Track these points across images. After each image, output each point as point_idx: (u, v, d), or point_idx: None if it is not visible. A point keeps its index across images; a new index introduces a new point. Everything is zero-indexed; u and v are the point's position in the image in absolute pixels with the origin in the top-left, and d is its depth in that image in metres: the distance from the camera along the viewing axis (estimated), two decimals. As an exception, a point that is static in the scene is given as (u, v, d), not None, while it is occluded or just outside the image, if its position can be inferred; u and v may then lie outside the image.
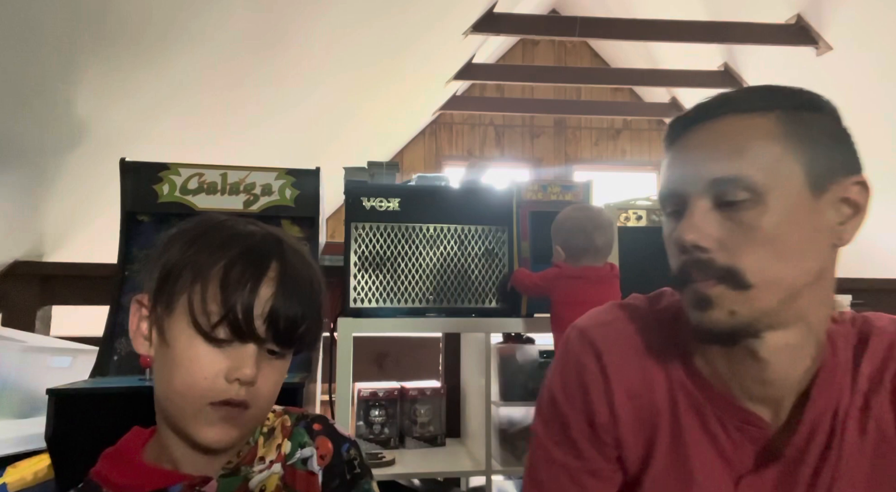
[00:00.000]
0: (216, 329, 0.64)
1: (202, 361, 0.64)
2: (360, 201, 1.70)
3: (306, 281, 0.70)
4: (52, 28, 1.41)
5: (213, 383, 0.64)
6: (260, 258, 0.67)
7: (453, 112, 5.46)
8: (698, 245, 0.61)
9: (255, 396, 0.66)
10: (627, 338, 0.72)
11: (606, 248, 1.58)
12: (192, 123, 2.37)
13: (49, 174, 1.84)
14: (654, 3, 4.08)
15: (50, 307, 2.01)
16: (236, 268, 0.65)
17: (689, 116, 0.66)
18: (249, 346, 0.66)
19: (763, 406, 0.67)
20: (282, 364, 0.70)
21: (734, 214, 0.61)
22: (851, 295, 1.97)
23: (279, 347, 0.68)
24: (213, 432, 0.65)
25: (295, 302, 0.67)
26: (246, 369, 0.64)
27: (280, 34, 2.35)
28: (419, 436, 1.88)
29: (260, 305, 0.65)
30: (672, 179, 0.66)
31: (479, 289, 1.73)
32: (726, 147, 0.62)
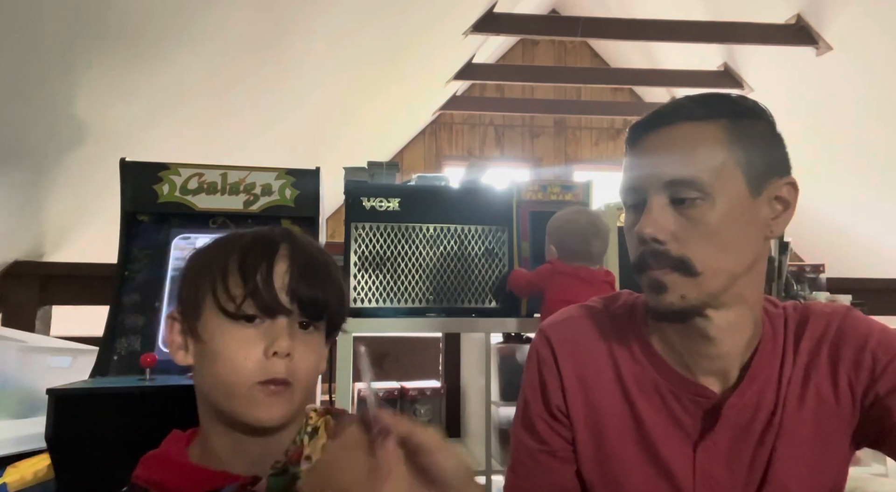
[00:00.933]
0: (243, 308, 0.68)
1: (239, 345, 0.67)
2: (360, 201, 1.70)
3: (319, 257, 0.74)
4: (52, 28, 1.41)
5: (254, 364, 0.67)
6: (270, 241, 0.72)
7: (453, 112, 5.46)
8: (656, 238, 0.71)
9: (295, 371, 0.68)
10: (580, 331, 0.83)
11: (601, 254, 1.60)
12: (192, 123, 2.37)
13: (49, 174, 1.84)
14: (654, 3, 4.08)
15: (50, 307, 2.01)
16: (250, 253, 0.70)
17: (648, 122, 0.76)
18: (280, 320, 0.68)
19: (712, 378, 0.76)
20: (315, 339, 0.73)
21: (686, 210, 0.71)
22: (851, 295, 1.97)
23: (307, 317, 0.71)
24: (266, 411, 0.67)
25: (312, 274, 0.71)
26: (281, 341, 0.67)
27: (280, 34, 2.35)
28: (419, 436, 1.88)
29: (279, 278, 0.69)
30: (633, 177, 0.75)
31: (479, 289, 1.73)
32: (680, 151, 0.71)
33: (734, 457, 0.74)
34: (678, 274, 0.71)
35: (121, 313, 1.56)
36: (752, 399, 0.74)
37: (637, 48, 4.93)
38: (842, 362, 0.74)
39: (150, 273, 1.63)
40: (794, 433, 0.73)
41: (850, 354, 0.74)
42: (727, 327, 0.74)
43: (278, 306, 0.68)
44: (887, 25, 3.11)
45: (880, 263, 4.07)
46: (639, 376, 0.78)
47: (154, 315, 1.57)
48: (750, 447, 0.74)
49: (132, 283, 1.61)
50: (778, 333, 0.77)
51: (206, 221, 1.72)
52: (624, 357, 0.80)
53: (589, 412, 0.79)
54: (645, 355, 0.79)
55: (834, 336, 0.75)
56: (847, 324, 0.76)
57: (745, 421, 0.74)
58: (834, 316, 0.77)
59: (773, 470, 0.73)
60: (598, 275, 1.57)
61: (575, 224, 1.58)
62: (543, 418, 0.81)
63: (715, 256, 0.70)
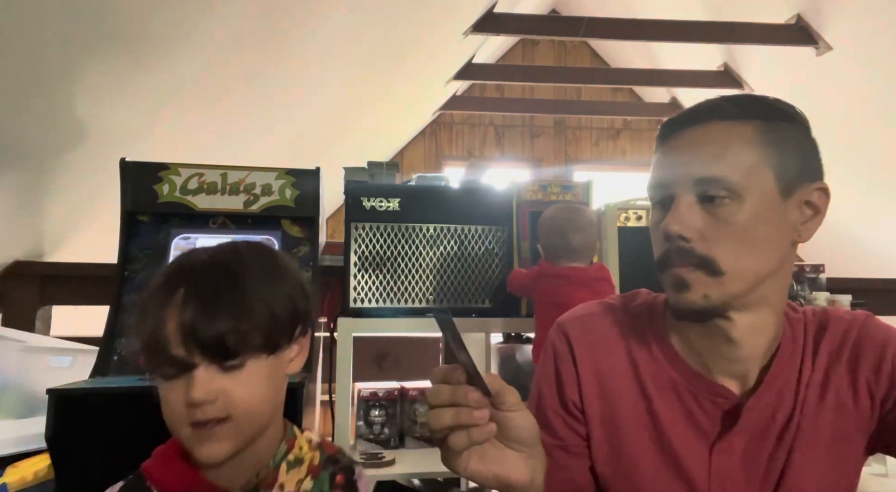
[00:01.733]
0: (155, 368, 0.68)
1: (167, 395, 0.68)
2: (360, 201, 1.70)
3: (225, 291, 0.69)
4: (52, 28, 1.41)
5: (180, 412, 0.67)
6: (167, 290, 0.69)
7: (453, 112, 5.46)
8: (682, 235, 0.70)
9: (230, 406, 0.67)
10: (598, 328, 0.82)
11: (585, 249, 1.54)
12: (192, 123, 2.37)
13: (49, 174, 1.84)
14: (654, 3, 4.08)
15: (50, 307, 2.01)
16: (146, 310, 0.69)
17: (680, 119, 0.75)
18: (194, 370, 0.67)
19: (732, 380, 0.76)
20: (247, 372, 0.69)
21: (714, 209, 0.70)
22: (851, 295, 1.97)
23: (220, 360, 0.67)
24: (207, 450, 0.68)
25: (210, 313, 0.67)
26: (192, 394, 0.66)
27: (280, 34, 2.35)
28: (419, 436, 1.88)
29: (173, 334, 0.66)
30: (661, 174, 0.74)
31: (479, 289, 1.73)
32: (711, 150, 0.71)
33: (751, 459, 0.74)
34: (702, 273, 0.70)
35: (121, 313, 1.56)
36: (770, 402, 0.74)
37: (637, 48, 4.93)
38: (861, 368, 0.74)
39: (150, 273, 1.63)
40: (811, 437, 0.73)
41: (869, 360, 0.74)
42: (749, 330, 0.73)
43: (176, 363, 0.66)
44: (887, 25, 3.11)
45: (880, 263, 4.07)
46: (656, 375, 0.78)
47: (154, 315, 1.57)
48: (767, 450, 0.74)
49: (132, 283, 1.61)
50: (798, 338, 0.77)
51: (206, 221, 1.72)
52: (642, 355, 0.79)
53: (605, 408, 0.79)
54: (663, 354, 0.79)
55: (854, 342, 0.75)
56: (867, 330, 0.76)
57: (763, 423, 0.74)
58: (854, 322, 0.77)
59: (790, 473, 0.73)
60: (588, 273, 1.53)
61: (554, 220, 1.55)
62: (558, 412, 0.81)
63: (740, 256, 0.70)
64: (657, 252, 0.75)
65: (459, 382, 0.63)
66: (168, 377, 0.67)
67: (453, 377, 0.63)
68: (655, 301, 0.84)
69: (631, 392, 0.78)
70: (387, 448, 1.82)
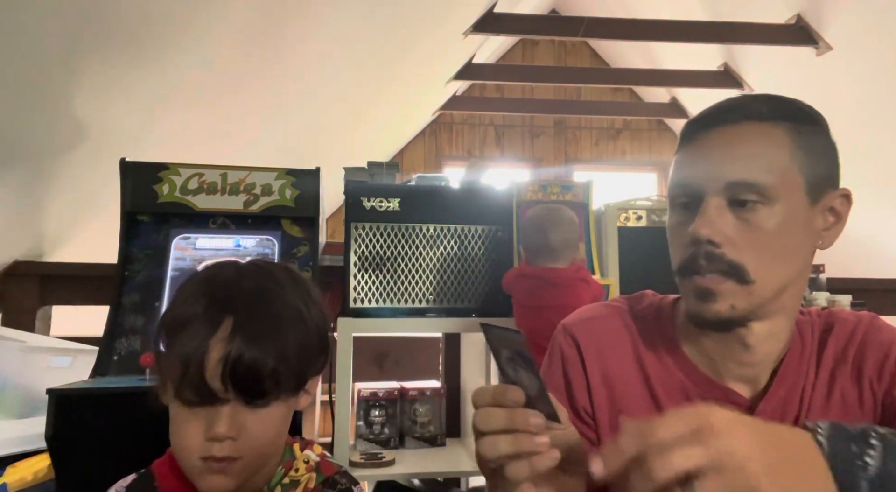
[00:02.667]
0: (182, 392, 0.67)
1: (181, 425, 0.68)
2: (360, 201, 1.70)
3: (269, 328, 0.69)
4: (52, 28, 1.41)
5: (196, 442, 0.67)
6: (210, 319, 0.68)
7: (453, 112, 5.46)
8: (712, 240, 0.67)
9: (243, 447, 0.68)
10: (605, 332, 0.80)
11: (563, 247, 1.53)
12: (192, 123, 2.37)
13: (49, 174, 1.84)
14: (654, 3, 4.08)
15: (50, 307, 2.01)
16: (190, 332, 0.67)
17: (709, 118, 0.72)
18: (224, 405, 0.67)
19: (742, 384, 0.74)
20: (271, 413, 0.70)
21: (745, 214, 0.67)
22: (851, 295, 1.97)
23: (249, 400, 0.68)
24: (212, 483, 0.68)
25: (255, 353, 0.67)
26: (217, 429, 0.66)
27: (280, 34, 2.35)
28: (419, 436, 1.88)
29: (213, 365, 0.66)
30: (688, 175, 0.71)
31: (479, 289, 1.73)
32: (743, 152, 0.68)
33: None
34: (731, 282, 0.67)
35: (121, 313, 1.56)
36: (779, 404, 0.73)
37: (637, 48, 4.92)
38: (865, 368, 0.73)
39: (150, 273, 1.63)
40: None
41: (873, 361, 0.73)
42: (766, 337, 0.72)
43: (211, 396, 0.67)
44: (887, 25, 3.11)
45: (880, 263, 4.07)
46: (666, 380, 0.76)
47: (154, 315, 1.57)
48: None
49: (132, 283, 1.61)
50: (805, 340, 0.76)
51: (206, 221, 1.72)
52: (650, 360, 0.78)
53: (614, 414, 0.77)
54: (672, 359, 0.77)
55: (859, 343, 0.74)
56: (872, 331, 0.75)
57: None
58: (860, 323, 0.76)
59: None
60: (565, 274, 1.51)
61: (534, 219, 1.54)
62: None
63: (769, 264, 0.68)
64: (679, 257, 0.72)
65: (517, 404, 0.55)
66: (192, 405, 0.67)
67: (508, 399, 0.55)
68: (662, 303, 0.82)
69: (640, 397, 0.77)
70: (387, 448, 1.82)
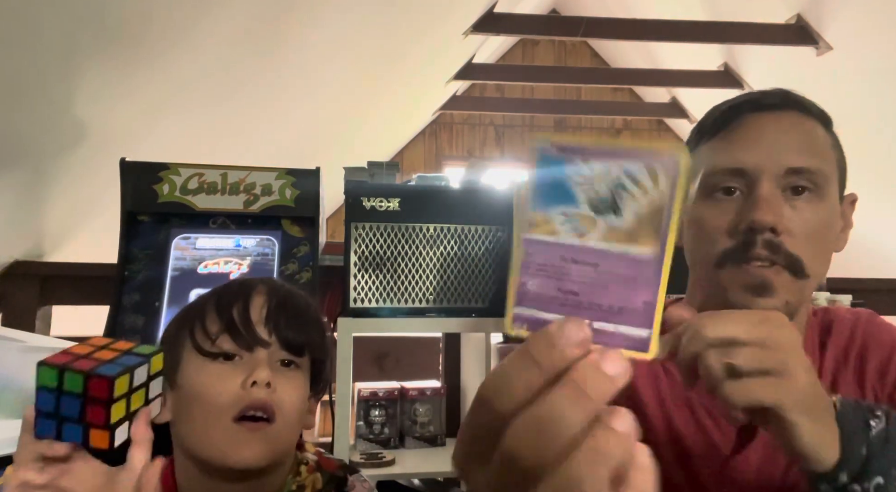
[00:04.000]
0: (219, 342, 0.66)
1: (216, 380, 0.66)
2: (360, 201, 1.70)
3: (300, 298, 0.73)
4: (52, 28, 1.41)
5: (232, 397, 0.64)
6: (246, 283, 0.72)
7: (453, 112, 5.46)
8: (775, 228, 0.63)
9: (278, 405, 0.66)
10: None
11: None
12: (192, 123, 2.37)
13: (49, 174, 1.84)
14: (654, 3, 4.08)
15: (50, 307, 2.01)
16: (226, 293, 0.70)
17: (753, 101, 0.68)
18: (259, 352, 0.67)
19: None
20: (298, 377, 0.70)
21: (798, 203, 0.64)
22: (851, 295, 1.97)
23: (288, 351, 0.69)
24: (245, 451, 0.64)
25: (291, 310, 0.70)
26: (260, 371, 0.65)
27: (280, 34, 2.35)
28: (419, 436, 1.88)
29: (256, 311, 0.68)
30: (740, 158, 0.66)
31: (479, 289, 1.73)
32: (801, 139, 0.65)
33: (765, 473, 0.71)
34: (788, 274, 0.63)
35: (121, 313, 1.56)
36: None
37: (637, 48, 4.92)
38: (867, 372, 0.71)
39: (150, 273, 1.63)
40: None
41: (874, 364, 0.71)
42: None
43: (256, 338, 0.67)
44: (887, 25, 3.11)
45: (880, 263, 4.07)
46: (673, 388, 0.74)
47: (154, 315, 1.57)
48: (782, 463, 0.71)
49: (132, 283, 1.61)
50: (807, 343, 0.74)
51: (206, 221, 1.72)
52: (658, 368, 0.75)
53: None
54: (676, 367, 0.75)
55: (860, 345, 0.72)
56: (871, 331, 0.73)
57: None
58: (858, 322, 0.74)
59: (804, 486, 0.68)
60: None
61: None
62: None
63: (816, 258, 0.65)
64: (719, 245, 0.66)
65: None
66: (229, 357, 0.67)
67: None
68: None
69: (653, 405, 0.75)
70: (387, 448, 1.82)
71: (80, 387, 0.57)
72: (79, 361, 0.59)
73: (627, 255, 0.33)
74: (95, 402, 0.57)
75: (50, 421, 0.58)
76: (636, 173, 0.33)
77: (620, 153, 0.34)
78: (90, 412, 0.57)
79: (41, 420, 0.58)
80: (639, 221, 0.33)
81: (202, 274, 1.63)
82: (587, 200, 0.34)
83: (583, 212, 0.34)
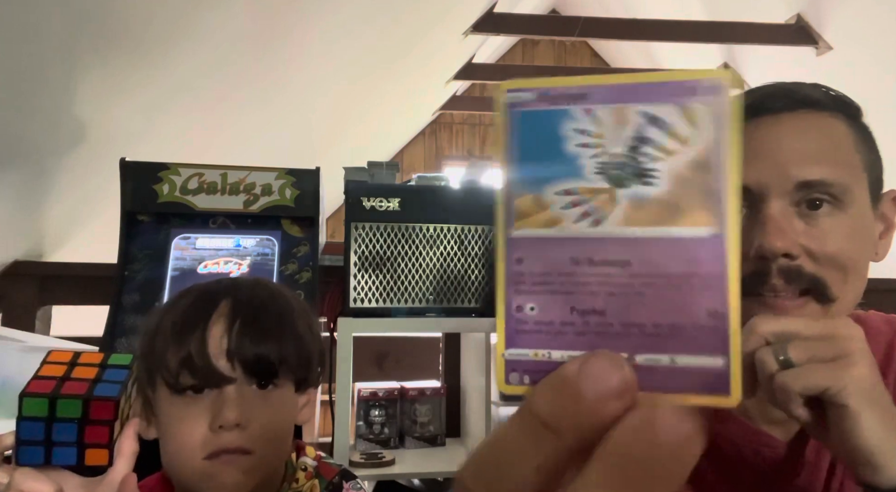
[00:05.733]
0: (181, 379, 0.62)
1: (184, 419, 0.62)
2: (360, 201, 1.70)
3: (271, 308, 0.67)
4: (53, 28, 1.41)
5: (200, 439, 0.61)
6: (207, 301, 0.66)
7: (453, 112, 5.46)
8: (790, 253, 0.54)
9: (253, 437, 0.62)
10: None
11: None
12: (192, 123, 2.37)
13: (49, 174, 1.84)
14: (654, 3, 4.08)
15: (50, 307, 2.01)
16: (184, 317, 0.64)
17: (755, 105, 0.58)
18: (227, 389, 0.62)
19: (775, 427, 0.62)
20: (279, 396, 0.66)
21: (815, 219, 0.56)
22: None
23: (259, 379, 0.64)
24: (225, 481, 0.61)
25: (257, 331, 0.65)
26: (227, 413, 0.61)
27: (280, 34, 2.35)
28: (419, 436, 1.88)
29: (215, 342, 0.63)
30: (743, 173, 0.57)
31: (479, 289, 1.73)
32: (811, 146, 0.56)
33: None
34: (813, 303, 0.55)
35: (121, 313, 1.56)
36: (818, 446, 0.60)
37: (637, 48, 4.93)
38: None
39: (150, 273, 1.63)
40: None
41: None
42: None
43: (217, 375, 0.62)
44: (887, 25, 3.11)
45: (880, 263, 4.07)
46: None
47: (154, 315, 1.57)
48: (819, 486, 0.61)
49: (132, 283, 1.61)
50: None
51: (206, 221, 1.72)
52: None
53: None
54: None
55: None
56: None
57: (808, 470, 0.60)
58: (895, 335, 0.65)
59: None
60: None
61: None
62: None
63: (846, 278, 0.56)
64: None
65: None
66: (194, 392, 0.62)
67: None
68: None
69: None
70: (387, 448, 1.82)
71: (79, 412, 0.56)
72: (65, 384, 0.57)
73: (671, 238, 0.21)
74: (98, 423, 0.56)
75: (35, 449, 0.55)
76: (665, 117, 0.22)
77: (638, 92, 0.22)
78: (90, 433, 0.56)
79: (24, 449, 0.55)
80: (680, 185, 0.22)
81: (202, 274, 1.63)
82: (598, 167, 0.22)
83: (593, 185, 0.22)
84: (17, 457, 0.55)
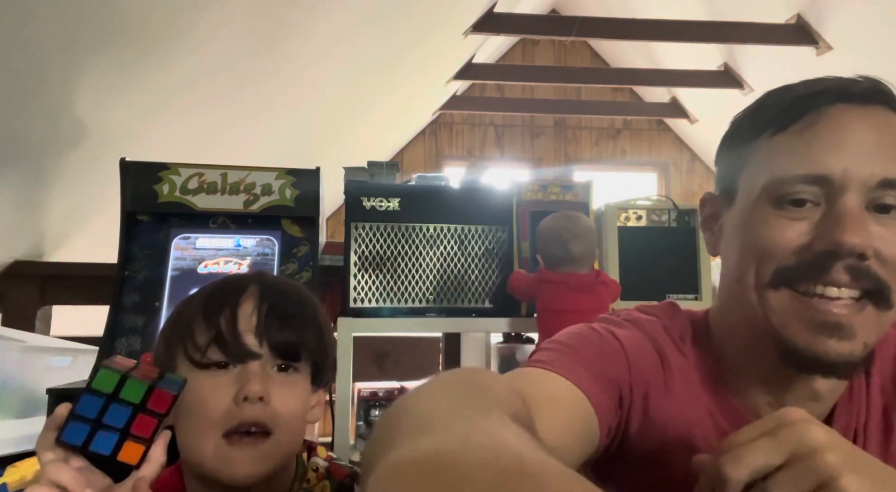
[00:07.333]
0: (209, 354, 0.64)
1: (207, 393, 0.63)
2: (360, 201, 1.70)
3: (294, 296, 0.70)
4: (53, 28, 1.41)
5: (223, 412, 0.62)
6: (236, 284, 0.69)
7: (453, 112, 5.46)
8: (864, 253, 0.52)
9: (274, 417, 0.64)
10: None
11: (585, 256, 1.56)
12: (193, 123, 2.37)
13: (49, 174, 1.84)
14: (654, 3, 4.08)
15: (50, 307, 2.01)
16: (215, 297, 0.67)
17: (837, 89, 0.55)
18: (251, 364, 0.65)
19: None
20: (297, 382, 0.68)
21: (889, 221, 0.53)
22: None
23: (282, 359, 0.67)
24: (238, 469, 0.62)
25: (283, 313, 0.67)
26: (251, 385, 0.62)
27: (280, 34, 2.35)
28: (419, 436, 1.88)
29: (245, 320, 0.65)
30: (820, 163, 0.53)
31: (479, 289, 1.73)
32: (893, 142, 0.53)
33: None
34: (871, 307, 0.53)
35: (121, 313, 1.56)
36: None
37: (637, 48, 4.92)
38: None
39: (150, 273, 1.63)
40: None
41: None
42: (837, 386, 0.59)
43: (245, 350, 0.64)
44: (887, 25, 3.11)
45: (880, 263, 4.07)
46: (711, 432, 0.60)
47: (154, 315, 1.57)
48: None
49: (132, 283, 1.61)
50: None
51: (206, 221, 1.72)
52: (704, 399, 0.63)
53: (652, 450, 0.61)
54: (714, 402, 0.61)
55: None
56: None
57: None
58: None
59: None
60: (587, 279, 1.54)
61: (552, 230, 1.56)
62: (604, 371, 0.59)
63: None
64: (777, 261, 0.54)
65: None
66: (220, 367, 0.64)
67: None
68: (696, 322, 0.66)
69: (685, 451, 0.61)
70: (387, 448, 1.82)
71: (140, 397, 0.57)
72: (135, 370, 0.59)
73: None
74: (151, 414, 0.57)
75: (82, 426, 0.56)
76: None
77: None
78: (139, 423, 0.57)
79: (72, 424, 0.56)
80: None
81: (202, 274, 1.63)
82: None
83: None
84: (62, 432, 0.55)
